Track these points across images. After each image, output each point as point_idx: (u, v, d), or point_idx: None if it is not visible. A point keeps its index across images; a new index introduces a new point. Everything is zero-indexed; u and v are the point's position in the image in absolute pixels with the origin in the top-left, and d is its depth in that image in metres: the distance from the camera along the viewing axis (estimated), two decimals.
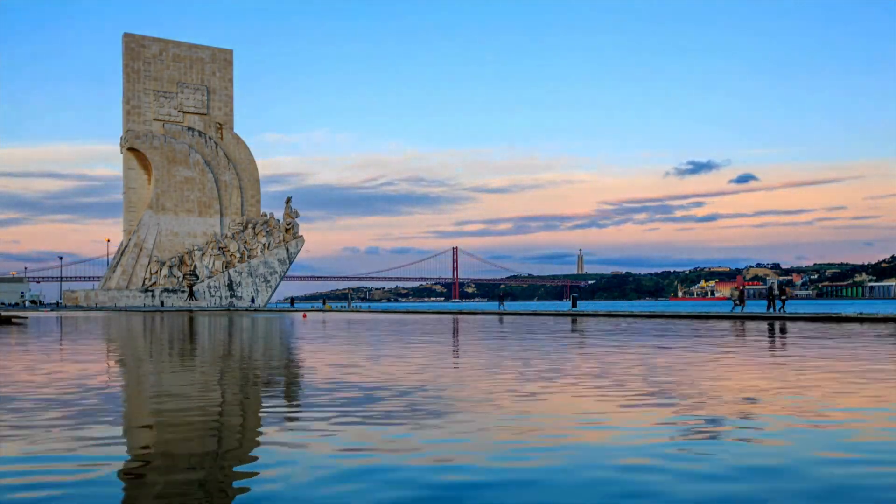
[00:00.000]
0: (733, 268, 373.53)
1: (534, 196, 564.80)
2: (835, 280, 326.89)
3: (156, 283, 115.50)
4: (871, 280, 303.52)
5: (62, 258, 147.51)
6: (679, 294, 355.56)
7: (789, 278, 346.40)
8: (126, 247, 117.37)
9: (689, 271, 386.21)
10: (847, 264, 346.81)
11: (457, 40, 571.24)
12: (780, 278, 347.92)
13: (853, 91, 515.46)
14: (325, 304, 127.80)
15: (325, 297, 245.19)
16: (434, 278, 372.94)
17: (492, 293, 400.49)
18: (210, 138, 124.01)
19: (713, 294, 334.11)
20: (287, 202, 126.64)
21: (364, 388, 11.83)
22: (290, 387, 12.61)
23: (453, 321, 46.09)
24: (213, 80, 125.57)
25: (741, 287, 54.29)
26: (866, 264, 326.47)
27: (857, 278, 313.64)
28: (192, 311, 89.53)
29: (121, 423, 9.03)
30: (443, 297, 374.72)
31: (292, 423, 8.71)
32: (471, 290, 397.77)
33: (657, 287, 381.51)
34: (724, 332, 29.00)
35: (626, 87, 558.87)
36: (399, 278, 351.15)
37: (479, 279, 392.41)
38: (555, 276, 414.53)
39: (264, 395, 11.51)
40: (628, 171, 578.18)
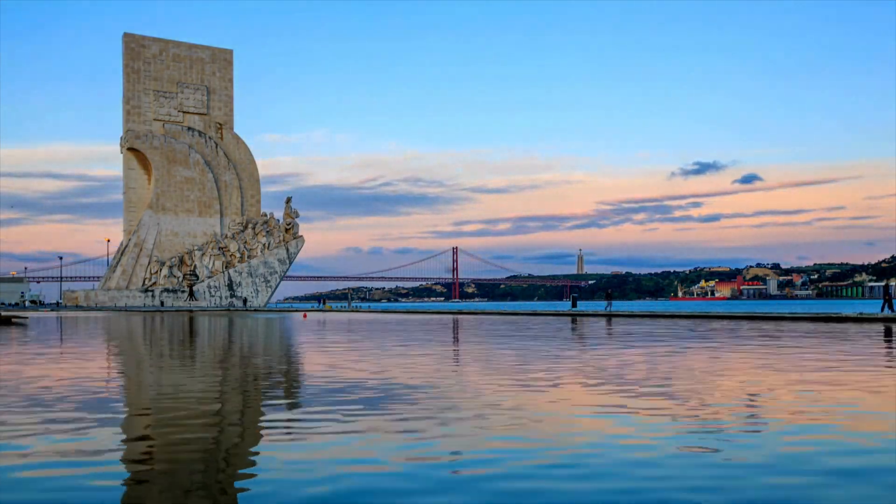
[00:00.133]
0: (733, 268, 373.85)
1: (533, 196, 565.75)
2: (835, 280, 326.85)
3: (156, 283, 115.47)
4: (871, 280, 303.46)
5: (62, 258, 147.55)
6: (679, 294, 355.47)
7: (789, 278, 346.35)
8: (126, 247, 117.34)
9: (689, 271, 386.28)
10: (847, 264, 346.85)
11: (456, 41, 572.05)
12: (780, 278, 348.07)
13: (852, 91, 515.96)
14: (324, 304, 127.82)
15: (324, 297, 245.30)
16: (434, 278, 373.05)
17: (492, 293, 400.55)
18: (210, 138, 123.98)
19: (713, 294, 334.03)
20: (287, 202, 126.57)
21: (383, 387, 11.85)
22: (291, 387, 12.61)
23: (453, 321, 46.08)
24: (213, 80, 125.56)
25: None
26: (866, 264, 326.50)
27: (857, 278, 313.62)
28: (192, 311, 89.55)
29: (121, 423, 9.04)
30: (443, 298, 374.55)
31: (293, 424, 8.72)
32: (471, 290, 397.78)
33: (657, 287, 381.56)
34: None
35: (625, 88, 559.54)
36: (399, 278, 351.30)
37: (479, 279, 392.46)
38: (555, 276, 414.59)
39: (265, 396, 11.51)
40: (627, 172, 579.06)
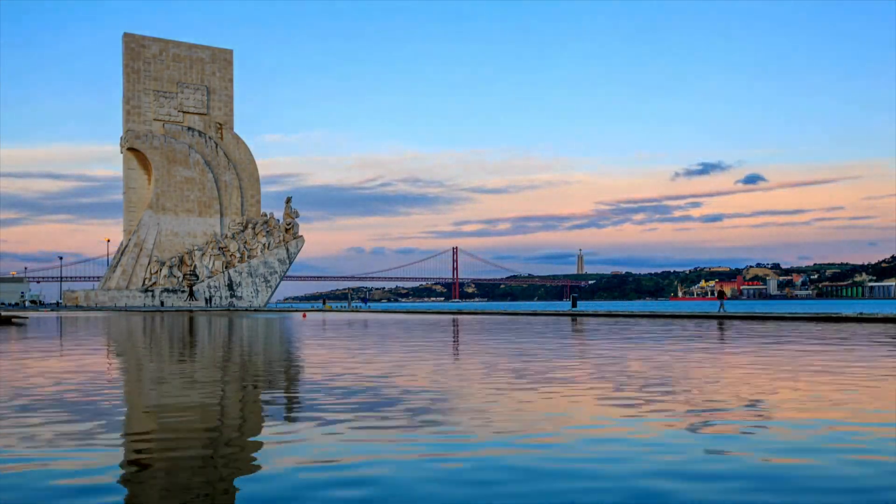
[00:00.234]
0: (733, 268, 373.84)
1: (532, 196, 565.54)
2: (835, 280, 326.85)
3: (156, 283, 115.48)
4: (871, 280, 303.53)
5: (62, 258, 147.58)
6: (679, 294, 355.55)
7: (789, 278, 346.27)
8: (126, 247, 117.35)
9: (689, 271, 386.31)
10: (847, 264, 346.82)
11: (455, 41, 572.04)
12: (780, 278, 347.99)
13: (852, 92, 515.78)
14: (325, 304, 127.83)
15: (325, 297, 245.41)
16: (434, 278, 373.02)
17: (492, 293, 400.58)
18: (210, 138, 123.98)
19: (713, 294, 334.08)
20: (287, 202, 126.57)
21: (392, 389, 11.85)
22: (292, 387, 12.62)
23: (452, 322, 46.07)
24: (213, 80, 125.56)
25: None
26: (866, 264, 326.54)
27: (857, 278, 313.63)
28: (192, 311, 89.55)
29: (121, 423, 9.04)
30: (443, 298, 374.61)
31: (293, 424, 8.73)
32: (471, 290, 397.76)
33: (657, 287, 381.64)
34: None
35: (625, 88, 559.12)
36: (399, 278, 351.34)
37: (479, 279, 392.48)
38: (555, 276, 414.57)
39: (265, 397, 11.52)
40: (626, 172, 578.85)
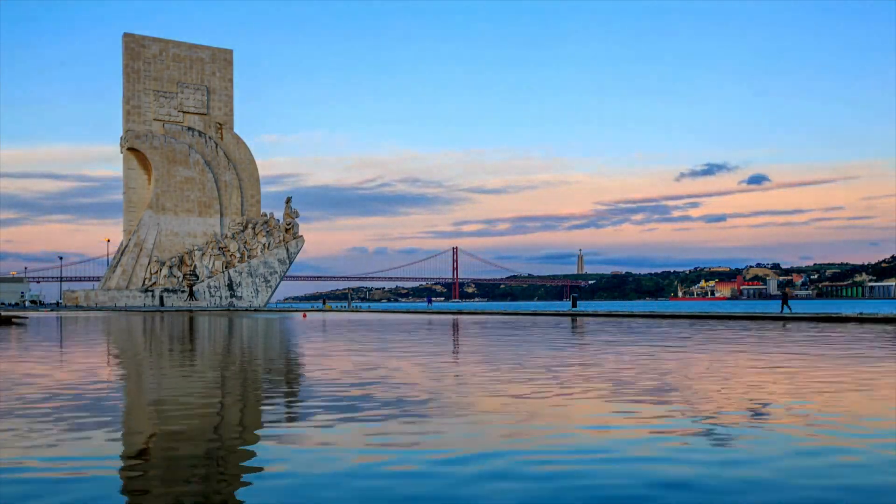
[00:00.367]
0: (733, 268, 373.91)
1: (531, 197, 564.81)
2: (835, 280, 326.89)
3: (156, 283, 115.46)
4: (871, 280, 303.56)
5: (62, 258, 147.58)
6: (679, 294, 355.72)
7: (789, 278, 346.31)
8: (126, 247, 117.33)
9: (689, 271, 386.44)
10: (847, 264, 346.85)
11: (454, 41, 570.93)
12: (780, 278, 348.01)
13: (852, 92, 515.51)
14: (325, 304, 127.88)
15: (325, 297, 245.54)
16: (434, 278, 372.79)
17: (492, 293, 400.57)
18: (210, 138, 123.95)
19: (713, 294, 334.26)
20: (287, 202, 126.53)
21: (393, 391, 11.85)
22: (292, 387, 12.62)
23: (452, 322, 46.08)
24: (213, 80, 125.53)
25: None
26: (866, 264, 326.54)
27: (857, 278, 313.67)
28: (192, 311, 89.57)
29: (121, 423, 9.04)
30: (443, 298, 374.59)
31: (293, 424, 8.73)
32: (471, 290, 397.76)
33: (657, 287, 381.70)
34: None
35: (624, 88, 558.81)
36: (399, 278, 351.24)
37: (479, 279, 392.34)
38: (555, 276, 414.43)
39: (265, 397, 11.52)
40: (625, 172, 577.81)
